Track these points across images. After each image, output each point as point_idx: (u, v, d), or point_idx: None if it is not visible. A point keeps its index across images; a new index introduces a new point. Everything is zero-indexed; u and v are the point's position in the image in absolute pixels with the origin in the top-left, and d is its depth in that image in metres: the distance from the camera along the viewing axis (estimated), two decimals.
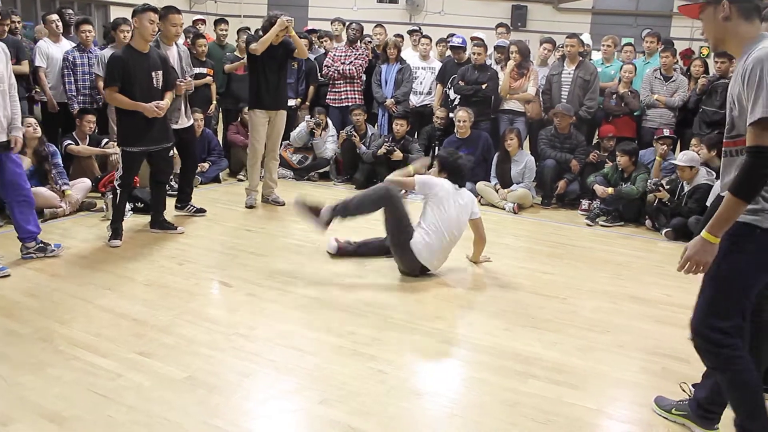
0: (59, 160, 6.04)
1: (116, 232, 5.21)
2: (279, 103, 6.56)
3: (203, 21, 9.90)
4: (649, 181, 6.43)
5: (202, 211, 6.21)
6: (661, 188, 6.24)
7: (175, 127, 5.72)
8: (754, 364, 2.54)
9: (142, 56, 5.08)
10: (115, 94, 5.02)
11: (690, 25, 13.72)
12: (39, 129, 5.86)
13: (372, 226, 5.16)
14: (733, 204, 2.29)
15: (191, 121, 6.19)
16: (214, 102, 8.18)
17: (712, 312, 2.48)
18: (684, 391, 3.05)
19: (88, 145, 6.74)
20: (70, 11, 8.32)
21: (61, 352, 3.31)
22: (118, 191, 5.21)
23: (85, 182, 6.20)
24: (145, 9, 5.00)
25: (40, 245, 4.73)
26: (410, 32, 9.42)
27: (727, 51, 2.53)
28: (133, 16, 5.13)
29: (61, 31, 7.21)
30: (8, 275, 4.34)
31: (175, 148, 6.86)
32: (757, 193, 2.30)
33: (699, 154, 6.29)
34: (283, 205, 6.72)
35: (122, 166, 5.19)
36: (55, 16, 7.20)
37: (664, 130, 6.97)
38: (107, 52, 7.03)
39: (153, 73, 5.15)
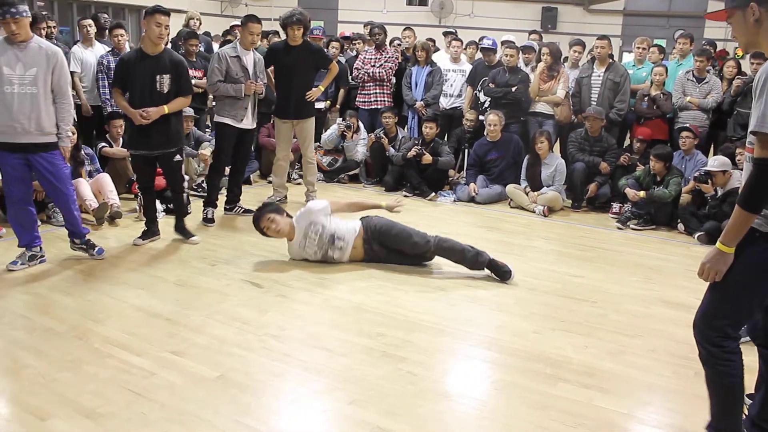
0: (97, 164, 6.28)
1: (144, 233, 5.33)
2: (300, 112, 6.48)
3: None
4: (698, 170, 6.29)
5: (249, 211, 6.10)
6: (710, 180, 6.08)
7: (238, 126, 5.86)
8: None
9: (148, 59, 4.95)
10: (116, 95, 5.09)
11: (724, 26, 13.51)
12: (75, 134, 5.97)
13: None
14: (742, 216, 2.30)
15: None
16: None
17: (711, 311, 2.49)
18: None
19: (121, 146, 6.85)
20: (105, 15, 8.44)
21: (96, 350, 3.39)
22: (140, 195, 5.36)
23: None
24: (154, 11, 4.87)
25: (87, 242, 4.85)
26: (445, 33, 9.43)
27: (763, 52, 2.48)
28: (144, 18, 5.04)
29: (94, 35, 7.29)
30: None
31: (208, 150, 6.94)
32: (763, 204, 2.29)
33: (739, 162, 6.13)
34: None
35: (134, 170, 5.30)
36: (88, 21, 7.28)
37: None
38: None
39: (158, 77, 4.96)
